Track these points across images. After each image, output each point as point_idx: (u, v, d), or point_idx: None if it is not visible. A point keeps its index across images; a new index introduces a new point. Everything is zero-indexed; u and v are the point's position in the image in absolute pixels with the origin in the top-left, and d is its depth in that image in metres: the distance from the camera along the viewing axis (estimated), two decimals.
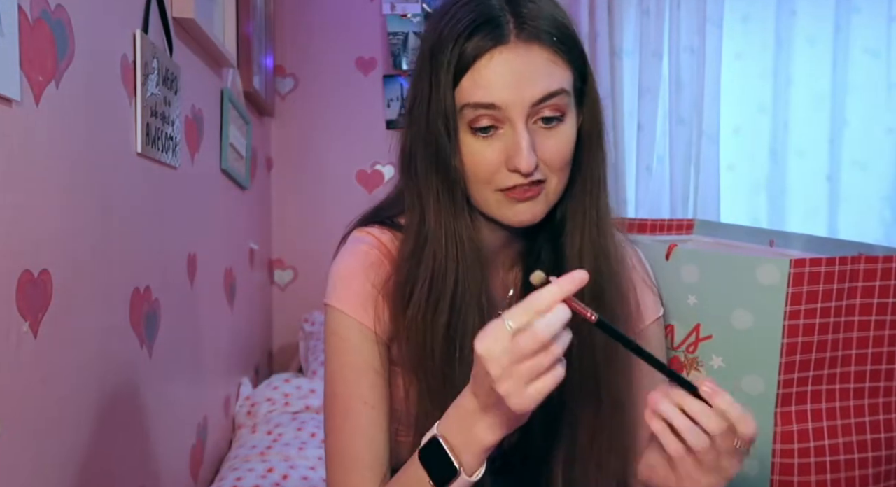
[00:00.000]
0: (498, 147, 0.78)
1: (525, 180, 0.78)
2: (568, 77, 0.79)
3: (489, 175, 0.79)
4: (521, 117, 0.77)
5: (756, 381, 0.91)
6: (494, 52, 0.76)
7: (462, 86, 0.77)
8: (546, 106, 0.77)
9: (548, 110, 0.78)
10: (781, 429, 0.91)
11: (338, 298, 0.86)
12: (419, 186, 0.82)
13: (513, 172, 0.78)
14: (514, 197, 0.79)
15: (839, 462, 0.92)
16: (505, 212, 0.81)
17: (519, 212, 0.80)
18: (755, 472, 0.93)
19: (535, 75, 0.77)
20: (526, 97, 0.76)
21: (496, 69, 0.76)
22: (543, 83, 0.77)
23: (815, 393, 0.92)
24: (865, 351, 0.92)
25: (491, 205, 0.81)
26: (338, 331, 0.86)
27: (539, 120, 0.78)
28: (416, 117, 0.81)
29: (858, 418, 0.93)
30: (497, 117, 0.77)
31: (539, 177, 0.78)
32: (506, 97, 0.76)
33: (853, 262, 0.88)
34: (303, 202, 2.69)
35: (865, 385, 0.93)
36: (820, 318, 0.89)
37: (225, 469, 1.71)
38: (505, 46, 0.76)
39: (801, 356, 0.89)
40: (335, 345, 0.87)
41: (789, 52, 2.68)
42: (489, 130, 0.78)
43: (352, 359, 0.85)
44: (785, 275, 0.86)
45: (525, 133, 0.77)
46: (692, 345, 0.96)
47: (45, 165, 0.94)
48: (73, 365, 1.00)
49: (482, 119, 0.77)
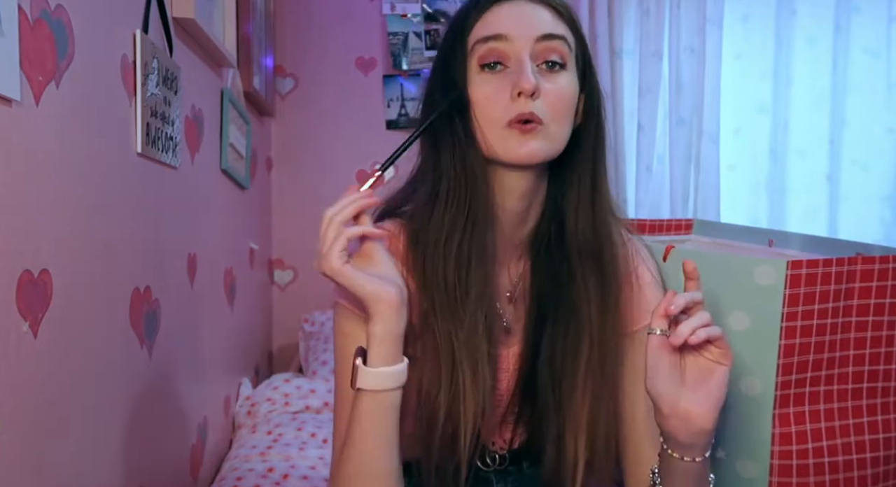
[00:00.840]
0: (505, 82, 0.83)
1: (527, 108, 0.81)
2: (571, 38, 0.86)
3: (496, 108, 0.83)
4: (526, 49, 0.82)
5: (754, 383, 0.91)
6: (503, 2, 0.84)
7: (475, 29, 0.84)
8: (550, 47, 0.83)
9: (552, 53, 0.83)
10: (780, 431, 0.91)
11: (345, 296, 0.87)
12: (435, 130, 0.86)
13: (516, 100, 0.82)
14: (518, 129, 0.82)
15: (837, 463, 0.92)
16: (511, 145, 0.83)
17: (521, 144, 0.83)
18: (754, 474, 0.93)
19: (541, 19, 0.84)
20: (532, 31, 0.83)
21: (505, 10, 0.84)
22: (548, 25, 0.84)
23: (812, 394, 0.92)
24: (863, 351, 0.92)
25: (499, 141, 0.84)
26: (345, 328, 0.88)
27: (543, 63, 0.84)
28: (435, 70, 0.88)
29: (856, 419, 0.93)
30: (504, 51, 0.83)
31: (538, 113, 0.82)
32: (512, 29, 0.83)
33: (850, 263, 0.88)
34: (303, 202, 2.69)
35: (863, 385, 0.93)
36: (817, 320, 0.89)
37: (225, 469, 1.72)
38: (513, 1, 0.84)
39: (799, 357, 0.89)
40: (342, 342, 0.88)
41: (789, 52, 2.68)
42: (496, 66, 0.83)
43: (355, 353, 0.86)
44: (782, 277, 0.86)
45: (528, 60, 0.82)
46: None
47: (45, 165, 0.94)
48: (73, 365, 1.00)
49: (490, 54, 0.83)
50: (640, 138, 2.62)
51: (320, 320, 2.49)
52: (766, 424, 0.91)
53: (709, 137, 2.56)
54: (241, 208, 2.15)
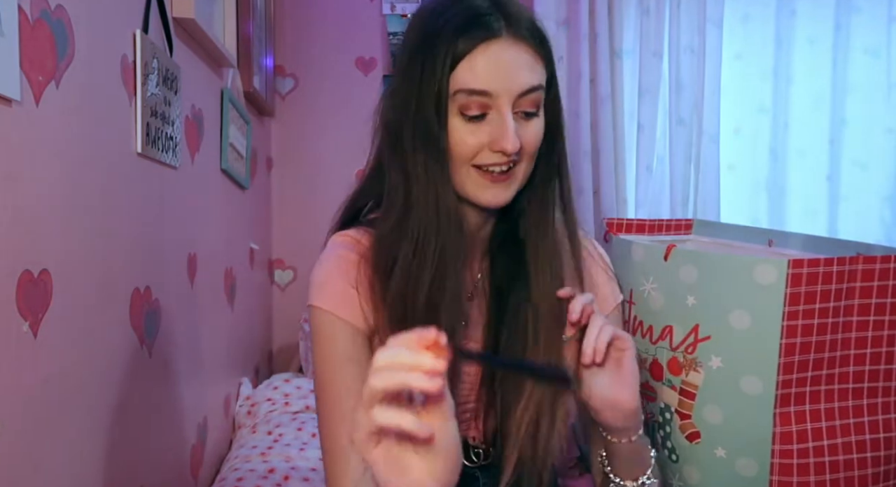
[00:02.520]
0: (485, 131, 0.85)
1: (505, 160, 0.86)
2: (544, 76, 0.88)
3: (472, 154, 0.86)
4: (508, 105, 0.85)
5: (755, 382, 0.91)
6: (490, 43, 0.84)
7: (457, 74, 0.84)
8: (528, 99, 0.86)
9: (528, 104, 0.86)
10: (780, 430, 0.91)
11: (318, 298, 0.92)
12: (405, 163, 0.88)
13: (496, 152, 0.85)
14: (489, 179, 0.87)
15: (838, 463, 0.92)
16: (481, 193, 0.88)
17: (495, 193, 0.88)
18: (754, 473, 0.93)
19: (521, 70, 0.85)
20: (514, 88, 0.84)
21: (490, 58, 0.84)
22: (527, 78, 0.85)
23: (813, 393, 0.92)
24: (864, 351, 0.92)
25: (468, 185, 0.88)
26: (321, 328, 0.91)
27: (520, 112, 0.86)
28: (405, 101, 0.87)
29: (857, 418, 0.93)
30: (486, 104, 0.85)
31: (514, 158, 0.86)
32: (497, 86, 0.84)
33: (851, 263, 0.88)
34: (303, 202, 2.69)
35: (864, 385, 0.93)
36: (818, 319, 0.88)
37: (226, 470, 1.71)
38: (497, 39, 0.84)
39: (800, 356, 0.89)
40: (320, 342, 0.91)
41: (789, 52, 2.67)
42: (479, 118, 0.85)
43: (336, 352, 0.89)
44: (783, 276, 0.86)
45: (511, 119, 0.85)
46: (691, 346, 0.96)
47: (45, 165, 0.94)
48: (73, 365, 1.00)
49: (473, 106, 0.85)
50: (640, 138, 2.61)
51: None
52: (767, 423, 0.91)
53: (709, 137, 2.56)
54: (241, 208, 2.15)
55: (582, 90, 2.54)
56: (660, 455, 1.03)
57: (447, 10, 0.86)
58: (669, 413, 1.00)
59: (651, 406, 1.04)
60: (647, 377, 1.03)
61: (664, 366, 1.00)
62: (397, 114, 0.89)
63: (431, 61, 0.84)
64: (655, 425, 1.03)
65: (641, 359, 1.04)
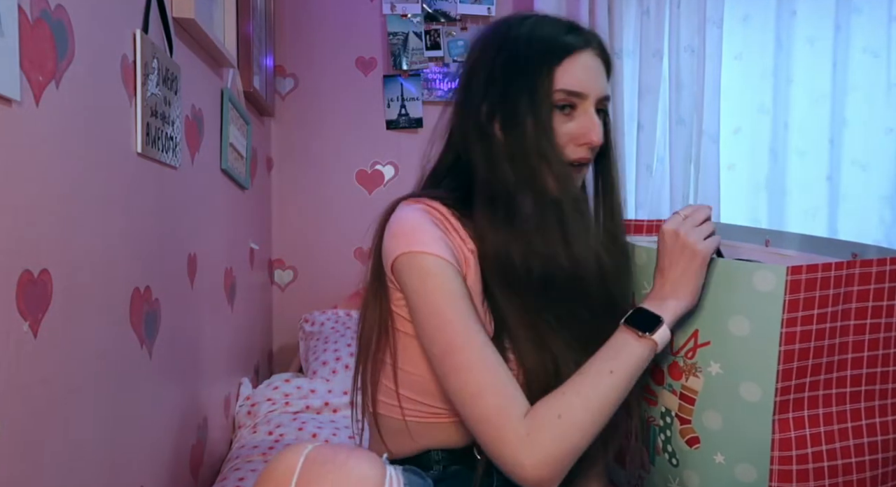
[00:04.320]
0: (573, 125, 0.99)
1: (589, 155, 1.00)
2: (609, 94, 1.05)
3: (562, 145, 0.99)
4: (593, 105, 1.00)
5: (754, 389, 0.91)
6: (586, 50, 1.00)
7: (558, 73, 0.97)
8: (603, 104, 1.03)
9: (602, 107, 1.02)
10: (779, 436, 0.91)
11: (419, 243, 0.93)
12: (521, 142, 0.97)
13: (581, 146, 0.99)
14: (575, 169, 1.01)
15: (837, 467, 0.91)
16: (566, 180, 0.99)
17: (575, 180, 1.01)
18: (753, 479, 0.92)
19: (602, 78, 1.02)
20: (599, 92, 1.00)
21: (586, 64, 1.00)
22: (606, 86, 1.03)
23: (811, 398, 0.92)
24: (861, 354, 0.92)
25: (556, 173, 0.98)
26: (431, 271, 0.93)
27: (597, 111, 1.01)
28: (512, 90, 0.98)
29: (856, 422, 0.93)
30: (576, 102, 0.99)
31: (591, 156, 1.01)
32: (589, 89, 0.99)
33: (848, 267, 0.88)
34: (303, 202, 2.69)
35: (862, 388, 0.93)
36: (817, 324, 0.88)
37: (226, 470, 1.71)
38: (590, 49, 1.01)
39: (799, 363, 0.89)
40: (433, 285, 0.92)
41: (789, 52, 2.68)
42: (569, 111, 0.99)
43: (454, 289, 0.92)
44: (782, 282, 0.86)
45: (596, 116, 1.00)
46: (691, 351, 0.96)
47: (45, 165, 0.94)
48: (73, 365, 1.01)
49: (568, 102, 0.99)
50: (640, 138, 2.61)
51: (320, 320, 2.49)
52: (766, 429, 0.91)
53: (709, 137, 2.56)
54: (241, 208, 2.15)
55: None
56: (660, 459, 1.03)
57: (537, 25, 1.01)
58: (670, 417, 1.00)
59: (652, 410, 1.04)
60: (649, 380, 1.03)
61: (665, 371, 1.00)
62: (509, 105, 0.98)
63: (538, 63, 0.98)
64: (656, 428, 1.03)
65: None
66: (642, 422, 1.06)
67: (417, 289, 0.93)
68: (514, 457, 0.86)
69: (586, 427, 0.87)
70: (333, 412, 2.03)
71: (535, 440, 0.86)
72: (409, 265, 0.93)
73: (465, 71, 1.04)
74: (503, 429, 0.87)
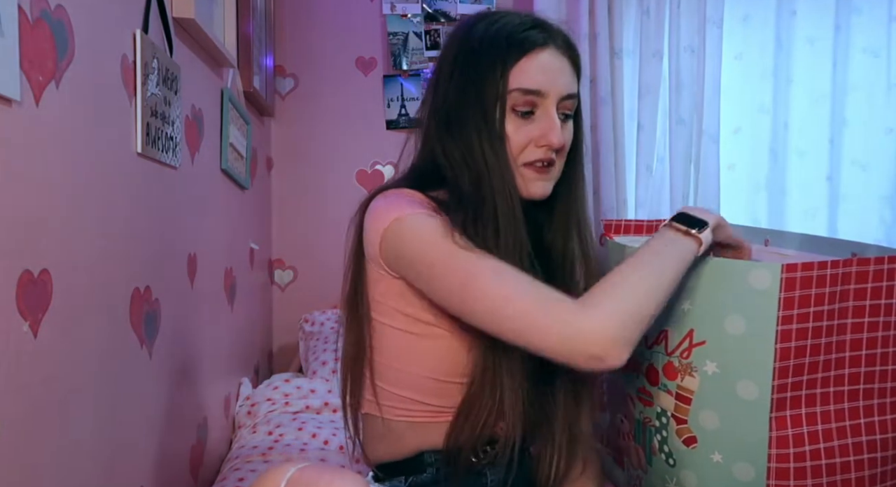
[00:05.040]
0: (532, 127, 0.97)
1: (549, 155, 0.97)
2: (576, 87, 1.01)
3: (520, 149, 0.97)
4: (554, 105, 0.97)
5: (750, 386, 0.91)
6: (545, 48, 0.97)
7: (512, 75, 0.95)
8: (567, 103, 0.99)
9: (567, 107, 0.99)
10: (776, 434, 0.91)
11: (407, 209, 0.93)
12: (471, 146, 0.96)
13: (541, 148, 0.96)
14: (537, 172, 0.98)
15: (835, 466, 0.91)
16: (531, 185, 0.98)
17: (539, 186, 0.99)
18: (751, 477, 0.92)
19: (565, 76, 0.98)
20: (560, 90, 0.97)
21: (541, 64, 0.96)
22: (569, 84, 0.99)
23: (809, 396, 0.92)
24: (859, 353, 0.92)
25: (516, 177, 0.97)
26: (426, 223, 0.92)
27: (561, 114, 0.98)
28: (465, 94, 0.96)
29: (853, 420, 0.93)
30: (535, 103, 0.96)
31: (553, 157, 0.98)
32: (546, 87, 0.96)
33: (845, 265, 0.88)
34: (303, 202, 2.69)
35: (860, 387, 0.93)
36: (813, 322, 0.88)
37: (226, 470, 1.71)
38: (551, 47, 0.97)
39: (795, 360, 0.89)
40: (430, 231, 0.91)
41: (789, 52, 2.67)
42: (529, 114, 0.97)
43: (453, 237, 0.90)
44: (777, 280, 0.86)
45: (557, 117, 0.97)
46: (686, 351, 0.96)
47: (45, 165, 0.94)
48: (72, 365, 1.01)
49: (525, 104, 0.96)
50: (640, 138, 2.61)
51: (320, 320, 2.49)
52: (763, 427, 0.91)
53: (709, 137, 2.56)
54: (241, 208, 2.15)
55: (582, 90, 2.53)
56: (657, 459, 1.03)
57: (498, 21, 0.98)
58: (666, 417, 1.00)
59: (648, 411, 1.04)
60: (644, 381, 1.03)
61: (660, 371, 1.00)
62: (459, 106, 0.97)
63: (490, 62, 0.95)
64: (652, 429, 1.03)
65: (637, 363, 1.04)
66: (638, 423, 1.06)
67: (416, 242, 0.91)
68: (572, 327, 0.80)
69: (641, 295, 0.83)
70: (333, 412, 2.03)
71: (591, 305, 0.82)
72: (401, 228, 0.92)
73: (433, 69, 1.04)
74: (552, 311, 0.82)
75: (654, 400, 1.02)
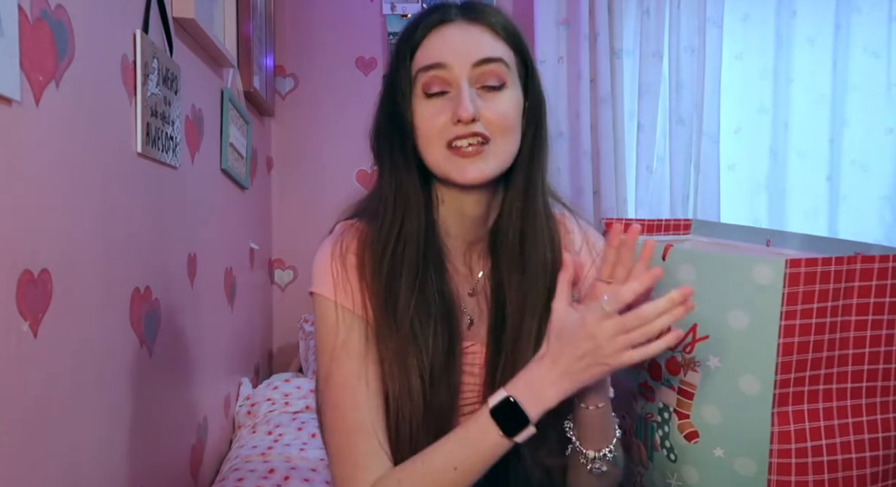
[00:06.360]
0: (447, 107, 0.87)
1: (468, 131, 0.86)
2: (510, 55, 0.90)
3: (437, 131, 0.88)
4: (464, 75, 0.87)
5: (753, 381, 0.91)
6: (441, 27, 0.89)
7: (416, 58, 0.89)
8: (487, 71, 0.88)
9: (489, 77, 0.88)
10: (778, 429, 0.91)
11: (319, 285, 0.93)
12: (382, 157, 0.93)
13: (456, 125, 0.86)
14: (460, 155, 0.88)
15: (836, 462, 0.92)
16: (453, 169, 0.88)
17: (466, 169, 0.88)
18: (752, 472, 0.93)
19: (477, 42, 0.89)
20: (469, 56, 0.87)
21: (443, 37, 0.89)
22: (485, 48, 0.88)
23: (811, 393, 0.92)
24: (862, 350, 0.92)
25: (441, 162, 0.89)
26: (325, 316, 0.91)
27: (482, 87, 0.88)
28: (382, 95, 0.93)
29: (855, 418, 0.93)
30: (445, 79, 0.88)
31: (481, 131, 0.87)
32: (450, 58, 0.87)
33: (849, 262, 0.88)
34: (303, 202, 2.69)
35: (862, 384, 0.93)
36: (816, 318, 0.88)
37: (226, 470, 1.72)
38: (451, 23, 0.89)
39: (798, 356, 0.89)
40: (324, 331, 0.92)
41: (789, 52, 2.67)
42: (441, 94, 0.88)
43: (341, 341, 0.90)
44: (780, 275, 0.86)
45: (466, 87, 0.87)
46: (689, 346, 0.96)
47: (45, 165, 0.94)
48: (73, 365, 1.01)
49: (433, 83, 0.88)
50: (640, 138, 2.61)
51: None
52: (765, 422, 0.91)
53: (709, 137, 2.56)
54: (241, 208, 2.15)
55: (582, 90, 2.54)
56: (658, 455, 1.03)
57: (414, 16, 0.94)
58: (668, 412, 1.00)
59: (650, 406, 1.04)
60: (646, 376, 1.03)
61: (662, 366, 1.00)
62: (376, 113, 0.95)
63: (395, 57, 0.91)
64: (654, 425, 1.03)
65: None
66: (640, 419, 1.06)
67: (316, 329, 0.94)
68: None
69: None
70: None
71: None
72: (314, 303, 0.94)
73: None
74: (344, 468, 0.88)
75: (656, 395, 1.02)
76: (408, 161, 0.91)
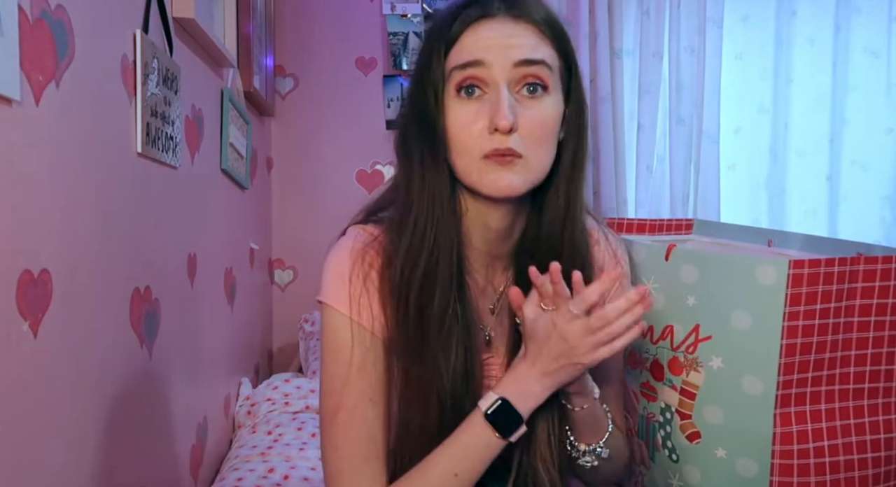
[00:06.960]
0: (482, 110, 0.80)
1: (502, 145, 0.79)
2: (553, 57, 0.83)
3: (472, 138, 0.81)
4: (504, 77, 0.80)
5: (755, 382, 0.91)
6: (482, 21, 0.81)
7: (451, 55, 0.82)
8: (529, 72, 0.81)
9: (531, 77, 0.81)
10: (781, 430, 0.91)
11: (332, 297, 0.88)
12: (409, 160, 0.86)
13: (493, 134, 0.80)
14: (495, 162, 0.80)
15: (839, 463, 0.91)
16: (486, 179, 0.81)
17: (499, 178, 0.81)
18: (754, 473, 0.93)
19: (519, 41, 0.81)
20: (510, 56, 0.80)
21: (482, 33, 0.81)
22: (528, 49, 0.81)
23: (814, 394, 0.92)
24: (865, 351, 0.92)
25: (473, 173, 0.82)
26: (336, 331, 0.88)
27: (523, 87, 0.81)
28: (409, 96, 0.87)
29: (858, 419, 0.93)
30: (482, 78, 0.80)
31: (516, 148, 0.80)
32: (489, 55, 0.80)
33: (852, 263, 0.88)
34: (303, 202, 2.69)
35: (865, 385, 0.93)
36: (819, 319, 0.88)
37: (226, 470, 1.71)
38: (492, 18, 0.81)
39: (801, 357, 0.89)
40: (335, 345, 0.88)
41: (789, 52, 2.68)
42: (473, 91, 0.81)
43: (357, 362, 0.86)
44: (784, 276, 0.86)
45: (505, 91, 0.80)
46: (692, 346, 0.96)
47: (45, 165, 0.94)
48: (73, 365, 1.00)
49: (467, 80, 0.81)
50: (640, 138, 2.61)
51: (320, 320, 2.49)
52: (767, 423, 0.91)
53: (709, 137, 2.56)
54: (241, 208, 2.15)
55: None
56: (660, 455, 1.03)
57: (450, 6, 0.85)
58: (670, 413, 1.00)
59: (652, 406, 1.04)
60: (648, 377, 1.03)
61: (665, 366, 1.00)
62: (403, 112, 0.89)
63: (428, 51, 0.84)
64: (656, 425, 1.03)
65: (642, 359, 1.04)
66: (641, 419, 1.06)
67: (323, 339, 0.90)
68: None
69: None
70: None
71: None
72: (323, 313, 0.90)
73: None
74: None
75: (658, 395, 1.02)
76: (439, 167, 0.83)
